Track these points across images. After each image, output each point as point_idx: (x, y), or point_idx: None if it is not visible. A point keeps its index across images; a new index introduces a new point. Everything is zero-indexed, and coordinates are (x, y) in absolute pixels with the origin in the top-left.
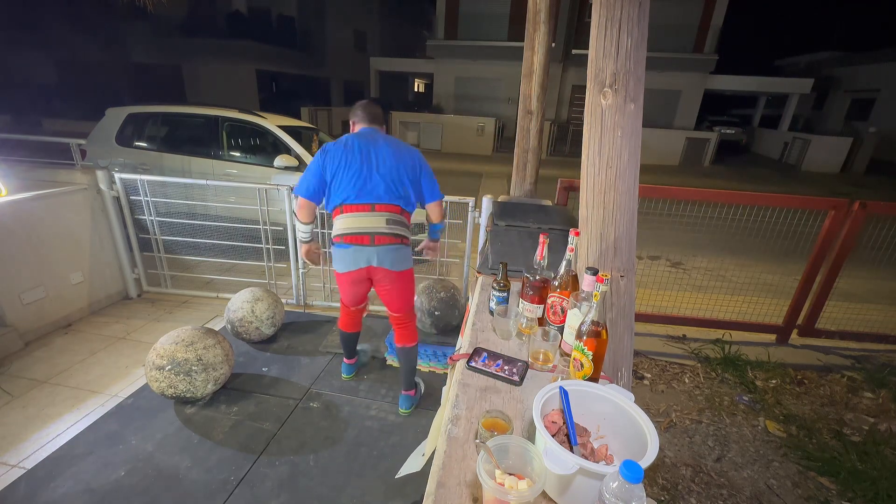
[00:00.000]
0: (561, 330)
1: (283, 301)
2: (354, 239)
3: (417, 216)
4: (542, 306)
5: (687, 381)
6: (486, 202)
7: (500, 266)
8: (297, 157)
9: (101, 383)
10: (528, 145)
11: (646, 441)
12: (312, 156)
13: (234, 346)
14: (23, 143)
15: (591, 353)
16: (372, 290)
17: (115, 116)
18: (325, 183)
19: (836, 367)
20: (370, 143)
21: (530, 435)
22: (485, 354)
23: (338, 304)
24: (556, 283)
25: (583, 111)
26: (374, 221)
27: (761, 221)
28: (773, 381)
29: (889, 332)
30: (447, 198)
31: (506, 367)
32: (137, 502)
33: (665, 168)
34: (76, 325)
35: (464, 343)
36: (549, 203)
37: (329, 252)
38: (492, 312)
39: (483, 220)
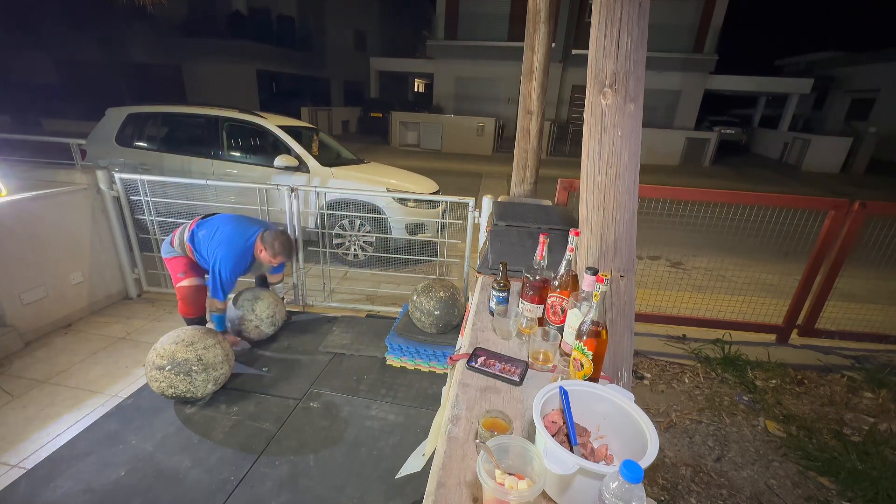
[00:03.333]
0: (561, 330)
1: (284, 301)
2: None
3: (416, 214)
4: (542, 306)
5: (687, 381)
6: (486, 202)
7: (500, 266)
8: (298, 157)
9: (101, 383)
10: (528, 145)
11: (646, 441)
12: (312, 156)
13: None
14: (23, 143)
15: (591, 353)
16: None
17: (115, 116)
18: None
19: (836, 367)
20: None
21: (530, 435)
22: (485, 354)
23: (337, 304)
24: (556, 283)
25: (583, 111)
26: None
27: (761, 221)
28: (773, 381)
29: (889, 332)
30: (447, 197)
31: (506, 367)
32: (137, 502)
33: (665, 168)
34: (76, 325)
35: (464, 343)
36: (549, 203)
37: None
38: (492, 312)
39: (483, 220)
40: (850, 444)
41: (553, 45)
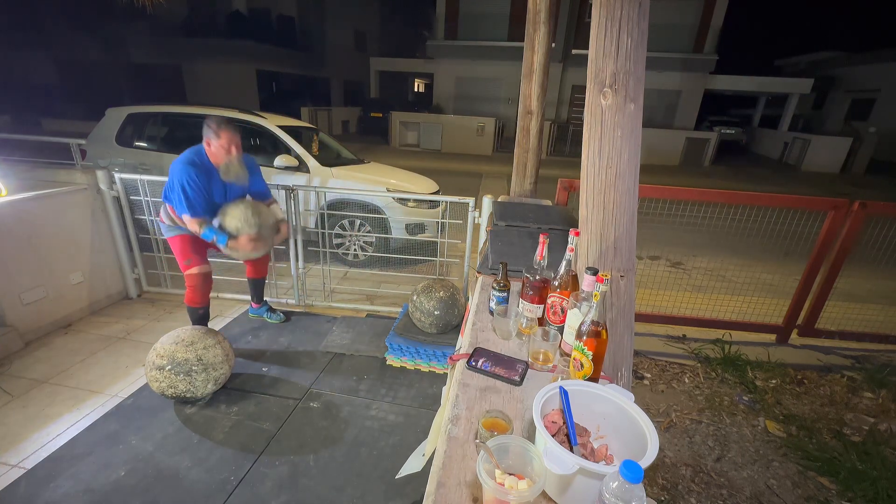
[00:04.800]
0: (561, 330)
1: (284, 301)
2: None
3: (416, 214)
4: (542, 306)
5: (687, 381)
6: (486, 202)
7: (500, 266)
8: (298, 157)
9: (101, 383)
10: (528, 145)
11: (646, 441)
12: (312, 156)
13: (233, 346)
14: (23, 143)
15: (591, 353)
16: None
17: (115, 116)
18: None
19: (836, 367)
20: None
21: (530, 435)
22: (485, 354)
23: (337, 304)
24: (556, 283)
25: (583, 111)
26: None
27: (761, 221)
28: (773, 381)
29: (889, 332)
30: (447, 197)
31: (506, 367)
32: (137, 502)
33: (665, 168)
34: (76, 325)
35: (464, 343)
36: (549, 203)
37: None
38: (492, 312)
39: (483, 220)
40: (850, 444)
41: (553, 45)
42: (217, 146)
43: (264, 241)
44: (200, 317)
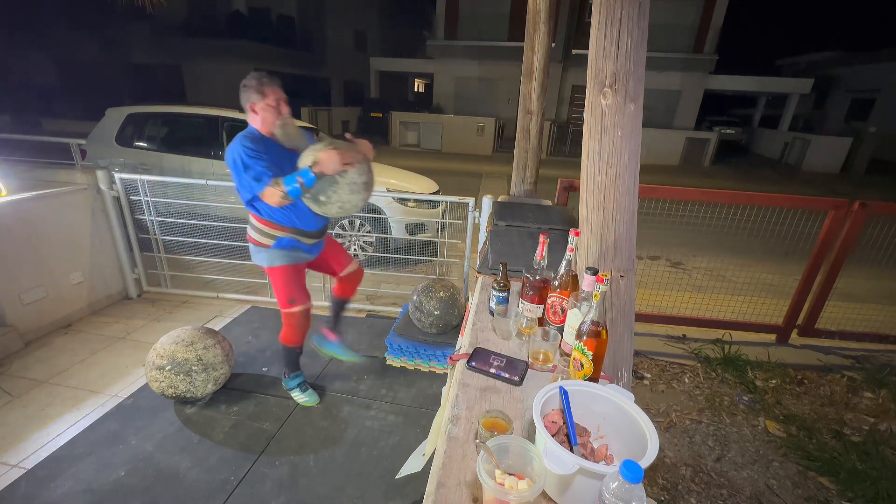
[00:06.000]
0: (561, 330)
1: None
2: None
3: (416, 214)
4: (542, 306)
5: (687, 381)
6: (486, 202)
7: (500, 266)
8: None
9: (101, 383)
10: (528, 145)
11: (646, 441)
12: None
13: (233, 346)
14: (23, 143)
15: (591, 353)
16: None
17: (115, 116)
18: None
19: (836, 367)
20: None
21: (530, 435)
22: (485, 354)
23: None
24: (556, 283)
25: (583, 111)
26: None
27: (761, 221)
28: (773, 381)
29: (889, 332)
30: (447, 197)
31: (506, 367)
32: (137, 502)
33: (665, 168)
34: (76, 325)
35: (464, 343)
36: (549, 203)
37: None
38: (492, 312)
39: (483, 220)
40: (850, 444)
41: (553, 45)
42: (264, 107)
43: (347, 150)
44: (297, 356)
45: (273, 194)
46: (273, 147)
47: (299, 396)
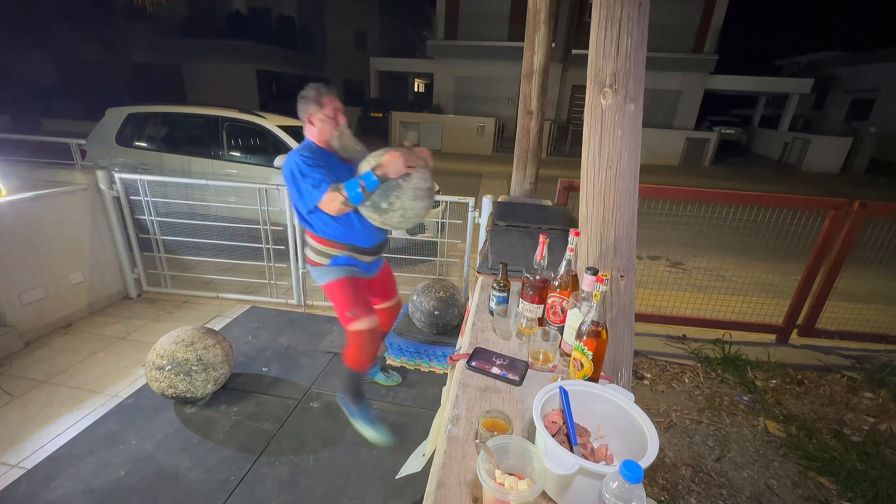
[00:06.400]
0: (561, 330)
1: (284, 301)
2: None
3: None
4: (542, 306)
5: (687, 381)
6: (486, 202)
7: (500, 266)
8: None
9: (101, 383)
10: (528, 145)
11: (646, 441)
12: None
13: (233, 346)
14: (23, 143)
15: (591, 353)
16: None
17: (115, 116)
18: None
19: (836, 367)
20: None
21: (530, 435)
22: (485, 354)
23: None
24: (556, 283)
25: (583, 111)
26: None
27: (761, 221)
28: (773, 381)
29: (889, 332)
30: (447, 197)
31: (506, 367)
32: (137, 502)
33: (665, 168)
34: (76, 325)
35: (464, 343)
36: (549, 203)
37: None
38: (492, 312)
39: (483, 220)
40: (850, 444)
41: (553, 45)
42: (322, 118)
43: (409, 153)
44: (361, 382)
45: (333, 199)
46: (330, 158)
47: (368, 432)
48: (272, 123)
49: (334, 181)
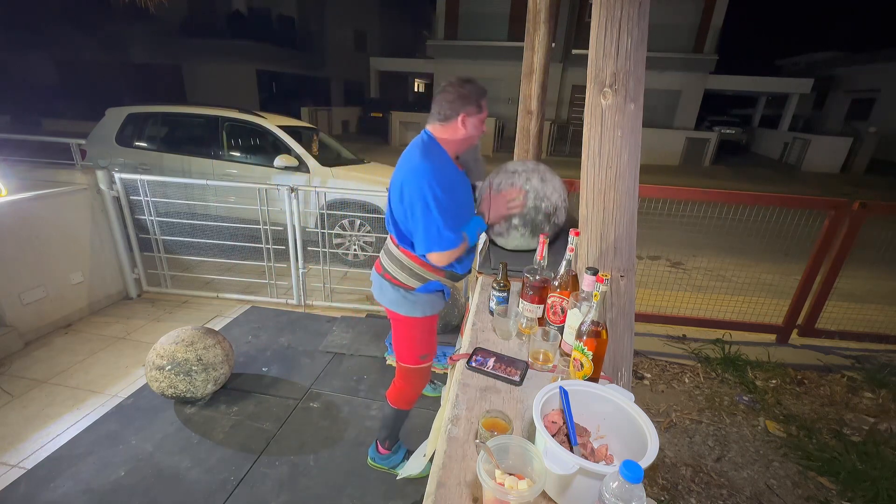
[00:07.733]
0: (561, 330)
1: (284, 301)
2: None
3: None
4: (542, 306)
5: (687, 381)
6: None
7: (500, 266)
8: (298, 157)
9: (101, 383)
10: (528, 145)
11: (646, 441)
12: (312, 156)
13: (233, 346)
14: (23, 143)
15: (591, 353)
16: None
17: (115, 116)
18: None
19: (836, 367)
20: None
21: (530, 435)
22: (485, 354)
23: (337, 304)
24: (556, 283)
25: (583, 111)
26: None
27: (761, 221)
28: (773, 381)
29: (889, 332)
30: None
31: (506, 367)
32: (137, 502)
33: (665, 168)
34: (76, 325)
35: (464, 343)
36: None
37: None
38: (492, 312)
39: None
40: (850, 444)
41: (553, 45)
42: (476, 123)
43: (501, 199)
44: (403, 420)
45: (457, 253)
46: (457, 174)
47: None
48: (272, 123)
49: (467, 214)
